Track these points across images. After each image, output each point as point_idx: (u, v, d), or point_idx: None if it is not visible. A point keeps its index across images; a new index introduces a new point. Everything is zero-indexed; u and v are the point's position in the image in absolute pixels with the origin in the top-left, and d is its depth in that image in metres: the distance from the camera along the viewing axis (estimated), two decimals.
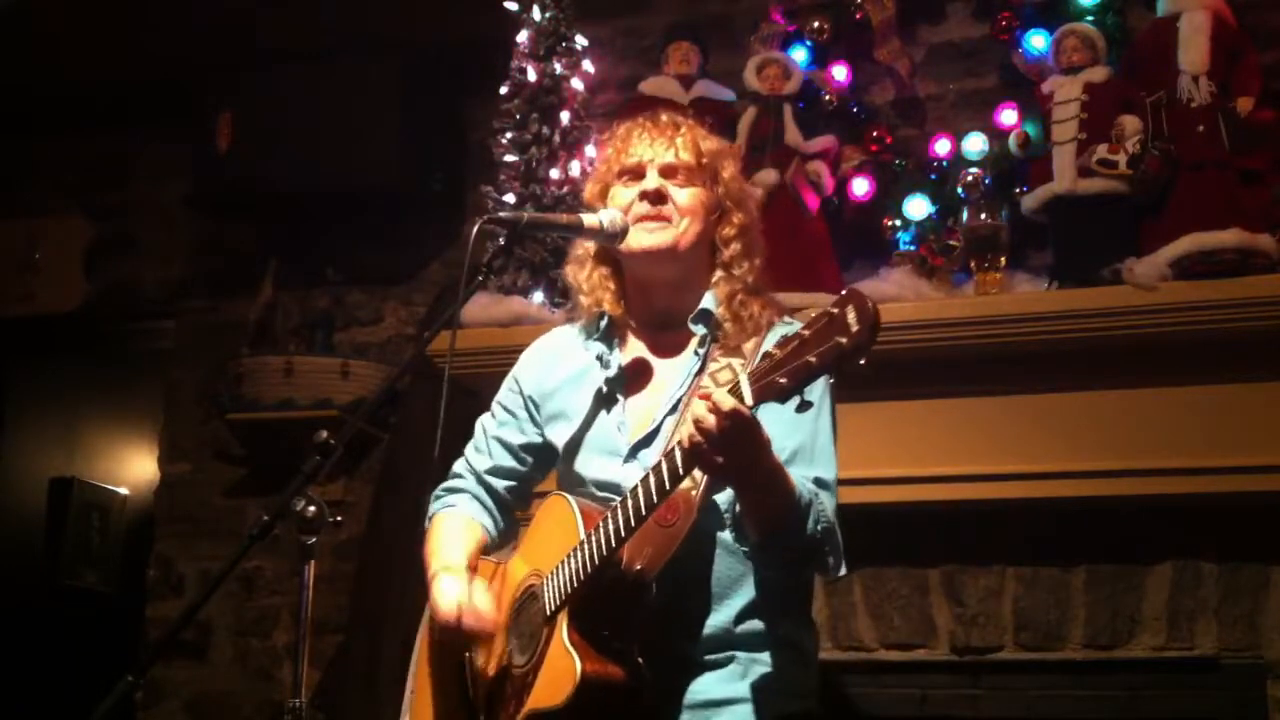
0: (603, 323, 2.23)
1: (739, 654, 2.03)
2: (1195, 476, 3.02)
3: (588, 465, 2.16)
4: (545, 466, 2.33)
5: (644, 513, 1.88)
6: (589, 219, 2.17)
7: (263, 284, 4.33)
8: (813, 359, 1.66)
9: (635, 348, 2.23)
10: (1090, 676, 3.22)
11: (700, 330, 2.14)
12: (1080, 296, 3.10)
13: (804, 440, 2.05)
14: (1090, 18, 3.38)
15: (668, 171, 2.17)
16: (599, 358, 2.20)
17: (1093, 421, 3.11)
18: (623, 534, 1.90)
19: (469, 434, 2.41)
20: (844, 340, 1.63)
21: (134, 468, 5.95)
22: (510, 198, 3.54)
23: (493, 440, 2.33)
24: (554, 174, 3.53)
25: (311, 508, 2.06)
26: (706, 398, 1.76)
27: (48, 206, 4.86)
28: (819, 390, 2.04)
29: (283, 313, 4.37)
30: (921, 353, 3.13)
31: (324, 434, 2.03)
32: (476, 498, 2.33)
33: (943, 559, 3.34)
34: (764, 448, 1.84)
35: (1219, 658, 3.12)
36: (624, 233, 2.15)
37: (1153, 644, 3.17)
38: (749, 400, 1.74)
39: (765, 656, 2.04)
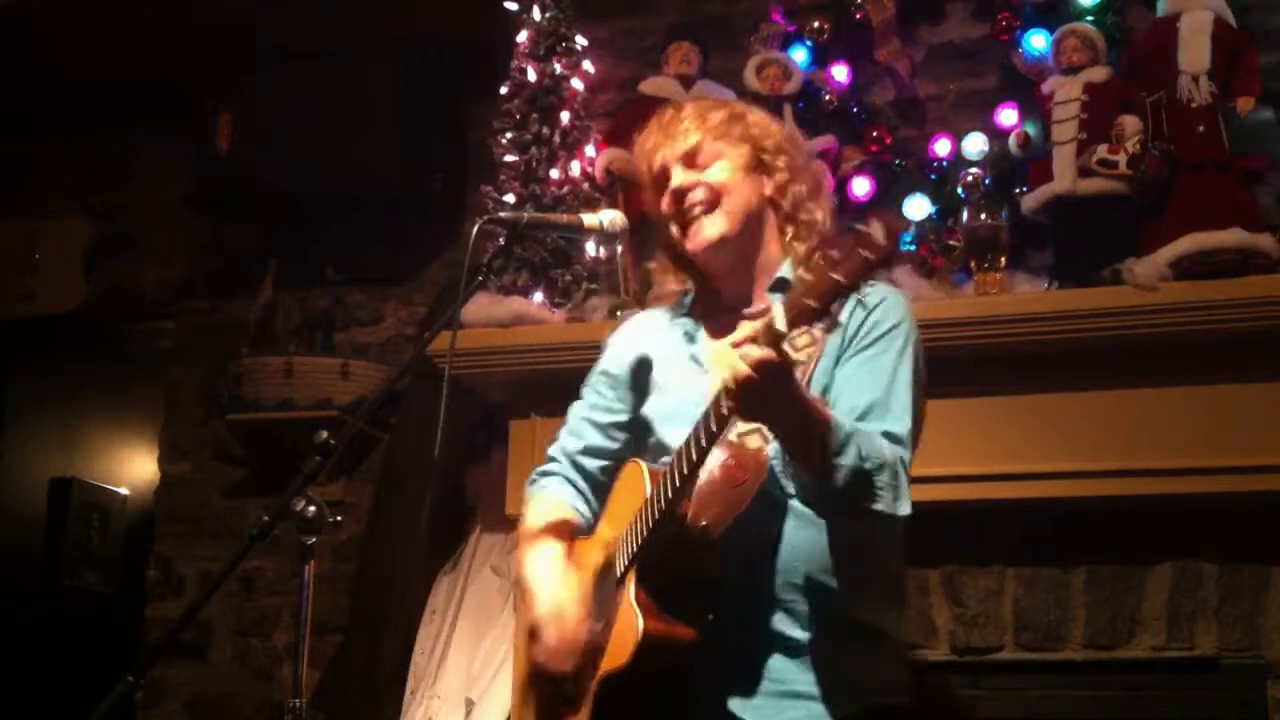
0: (688, 299, 2.23)
1: (814, 640, 1.98)
2: (1195, 476, 3.02)
3: (676, 435, 2.11)
4: (638, 444, 2.29)
5: (695, 459, 1.87)
6: (589, 219, 2.18)
7: (262, 284, 4.33)
8: (839, 276, 1.66)
9: (717, 325, 2.20)
10: (1090, 676, 3.22)
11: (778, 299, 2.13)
12: (1080, 296, 3.10)
13: (878, 396, 2.01)
14: (1090, 18, 3.37)
15: (688, 160, 2.15)
16: (685, 333, 2.20)
17: (1093, 421, 3.11)
18: (678, 484, 1.89)
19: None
20: (869, 255, 1.63)
21: (134, 468, 5.96)
22: (510, 198, 3.54)
23: (582, 421, 2.33)
24: (554, 174, 3.53)
25: (311, 508, 2.06)
26: (740, 345, 1.77)
27: (48, 206, 4.85)
28: (901, 336, 2.05)
29: (283, 313, 4.37)
30: None
31: (324, 434, 2.04)
32: (569, 480, 2.32)
33: (943, 559, 3.33)
34: (795, 387, 1.83)
35: (1219, 658, 3.12)
36: (624, 232, 2.16)
37: (1153, 644, 3.17)
38: (782, 327, 1.71)
39: (843, 644, 1.99)
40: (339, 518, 2.16)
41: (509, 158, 3.58)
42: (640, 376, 2.25)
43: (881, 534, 2.03)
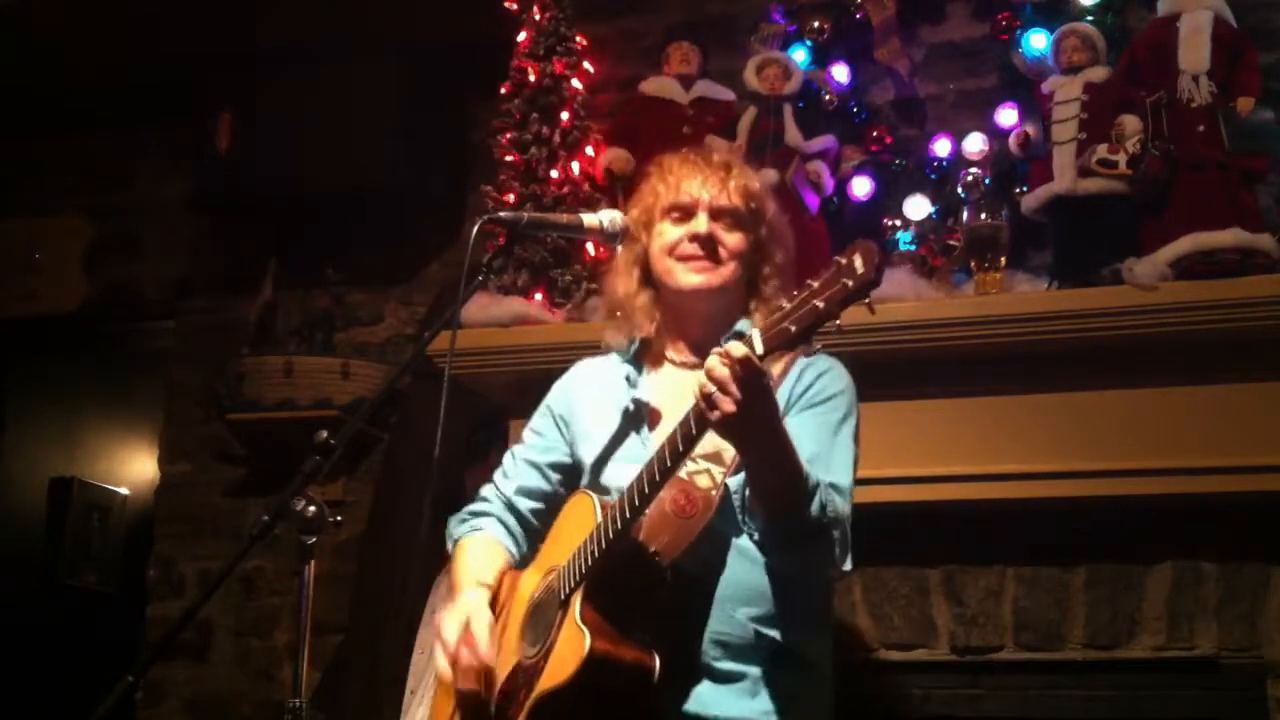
0: (634, 346, 2.26)
1: (749, 669, 2.02)
2: (1195, 476, 3.02)
3: (614, 474, 2.16)
4: (572, 487, 2.33)
5: (658, 479, 1.88)
6: (589, 219, 2.18)
7: (263, 284, 4.33)
8: (819, 303, 1.69)
9: (667, 370, 2.25)
10: (1090, 676, 3.21)
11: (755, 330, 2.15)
12: (1080, 296, 3.10)
13: (820, 449, 2.06)
14: (1090, 18, 3.38)
15: (717, 214, 2.19)
16: (626, 378, 2.23)
17: (1093, 421, 3.11)
18: (637, 503, 1.90)
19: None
20: (850, 282, 1.66)
21: (134, 468, 5.96)
22: (510, 198, 3.54)
23: (520, 462, 2.36)
24: (554, 174, 3.54)
25: (311, 508, 2.06)
26: (720, 353, 1.78)
27: (48, 206, 4.86)
28: (844, 404, 2.13)
29: (283, 313, 4.37)
30: (921, 353, 3.13)
31: (324, 434, 2.03)
32: (501, 521, 2.34)
33: (943, 559, 3.33)
34: (773, 405, 1.87)
35: (1219, 658, 3.12)
36: (624, 233, 2.16)
37: (1153, 644, 3.17)
38: (759, 349, 1.75)
39: (775, 673, 2.03)
40: (339, 518, 2.16)
41: (509, 158, 3.59)
42: (580, 419, 2.29)
43: (817, 574, 2.15)
